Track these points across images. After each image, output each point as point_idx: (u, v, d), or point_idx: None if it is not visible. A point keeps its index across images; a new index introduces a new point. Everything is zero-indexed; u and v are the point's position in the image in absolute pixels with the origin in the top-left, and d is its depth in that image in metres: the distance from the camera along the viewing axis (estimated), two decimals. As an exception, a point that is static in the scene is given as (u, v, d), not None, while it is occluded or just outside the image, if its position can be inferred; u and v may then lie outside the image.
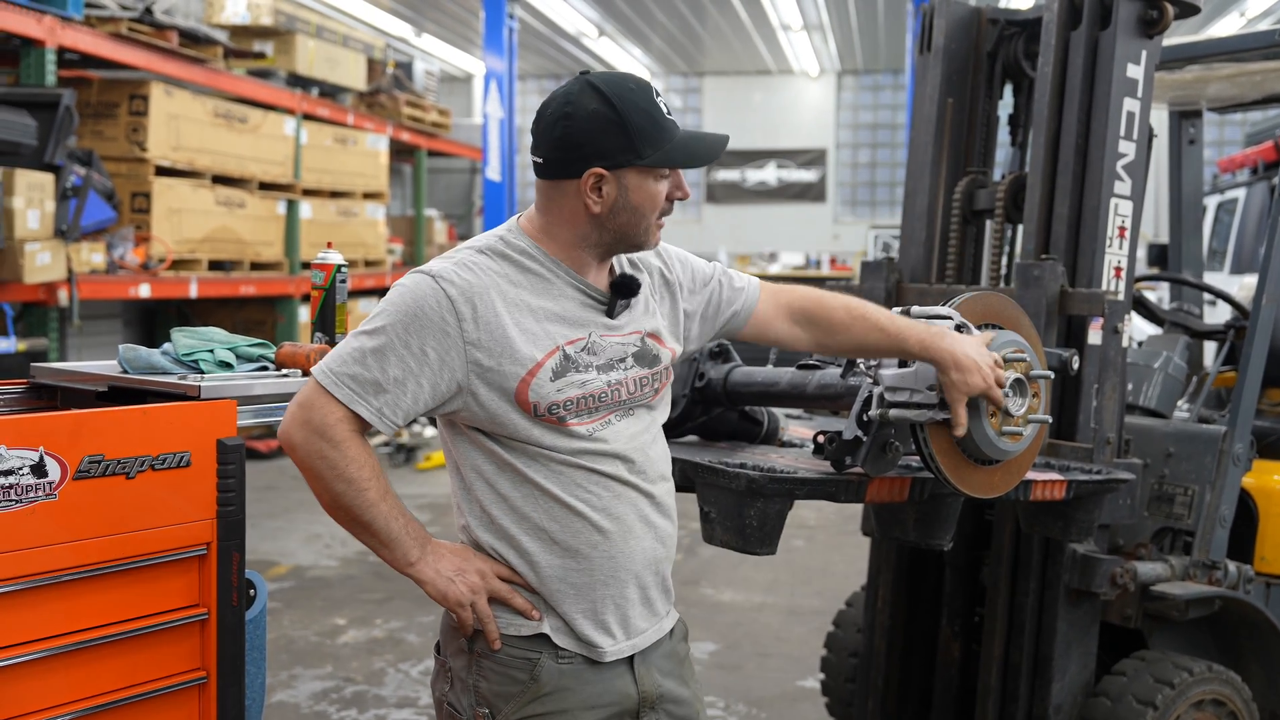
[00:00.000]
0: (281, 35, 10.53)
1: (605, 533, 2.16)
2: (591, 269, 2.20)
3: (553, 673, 2.15)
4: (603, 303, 2.20)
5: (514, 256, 2.15)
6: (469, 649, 2.18)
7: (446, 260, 2.14)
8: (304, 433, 2.06)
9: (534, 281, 2.15)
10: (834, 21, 16.34)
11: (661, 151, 2.12)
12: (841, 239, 19.70)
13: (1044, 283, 3.41)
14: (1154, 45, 3.55)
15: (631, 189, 2.12)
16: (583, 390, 2.13)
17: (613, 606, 2.18)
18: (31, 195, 6.85)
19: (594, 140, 2.09)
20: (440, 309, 2.06)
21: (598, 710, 2.17)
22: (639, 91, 2.13)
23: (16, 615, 2.14)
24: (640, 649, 2.22)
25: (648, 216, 2.16)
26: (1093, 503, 3.11)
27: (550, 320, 2.13)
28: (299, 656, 5.59)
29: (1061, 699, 3.50)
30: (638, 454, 2.21)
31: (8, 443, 2.08)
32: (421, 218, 13.95)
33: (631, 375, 2.21)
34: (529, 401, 2.09)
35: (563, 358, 2.12)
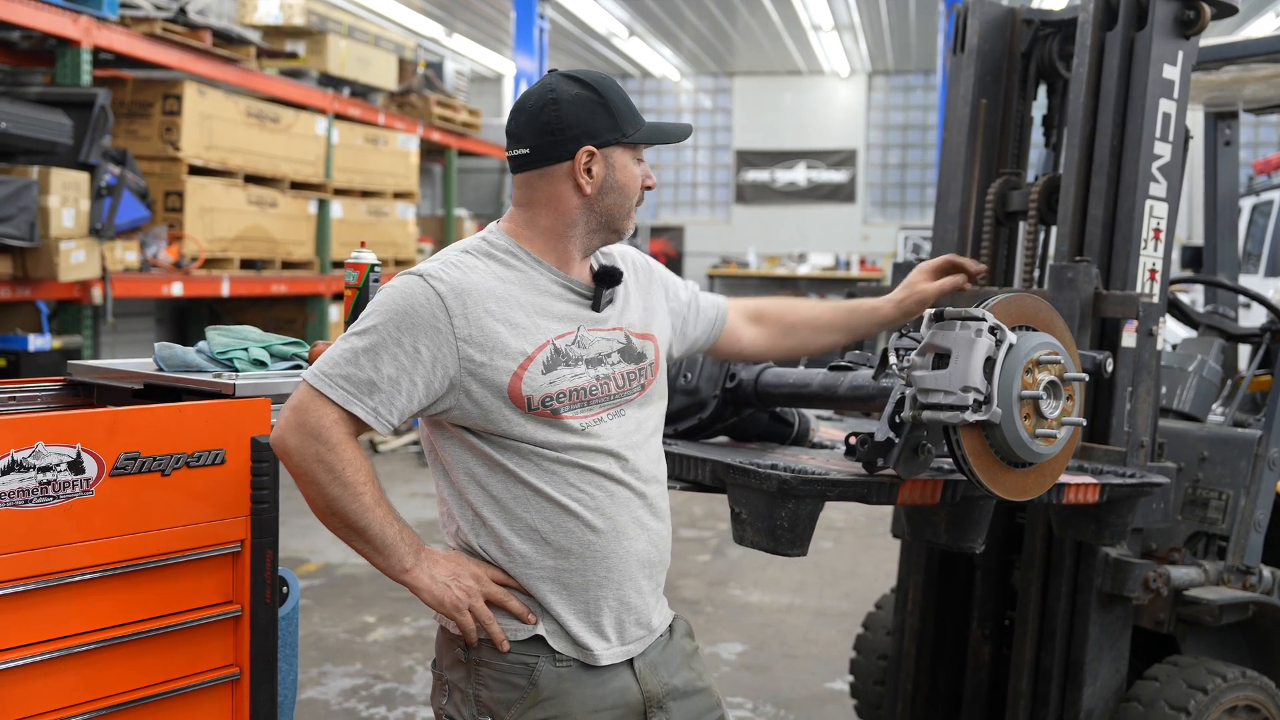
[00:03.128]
0: (313, 35, 10.58)
1: (598, 532, 2.16)
2: (574, 263, 2.24)
3: (551, 676, 2.14)
4: (587, 297, 2.23)
5: (499, 255, 2.19)
6: (465, 659, 2.18)
7: (433, 261, 2.16)
8: (299, 436, 2.04)
9: (520, 278, 2.17)
10: (865, 22, 16.28)
11: (642, 130, 2.21)
12: (871, 240, 19.63)
13: (1078, 285, 3.39)
14: (1190, 46, 3.52)
15: (618, 168, 2.20)
16: (574, 384, 2.15)
17: (607, 609, 2.18)
18: (67, 194, 6.91)
19: (582, 121, 2.16)
20: (430, 306, 2.07)
21: (600, 713, 2.17)
22: (611, 80, 2.23)
23: (54, 610, 2.16)
24: (633, 655, 2.22)
25: (630, 198, 2.23)
26: (1126, 506, 3.09)
27: (538, 315, 2.15)
28: (328, 654, 5.62)
29: (1093, 704, 3.48)
30: (630, 452, 2.21)
31: (45, 439, 2.10)
32: (451, 217, 13.99)
33: (619, 371, 2.23)
34: (522, 395, 2.10)
35: (553, 351, 2.14)
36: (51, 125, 6.86)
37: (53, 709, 2.17)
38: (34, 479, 2.09)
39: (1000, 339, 2.45)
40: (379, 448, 11.09)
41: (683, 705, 2.27)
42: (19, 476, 2.07)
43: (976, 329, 2.45)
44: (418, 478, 9.97)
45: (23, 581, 2.11)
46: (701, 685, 2.33)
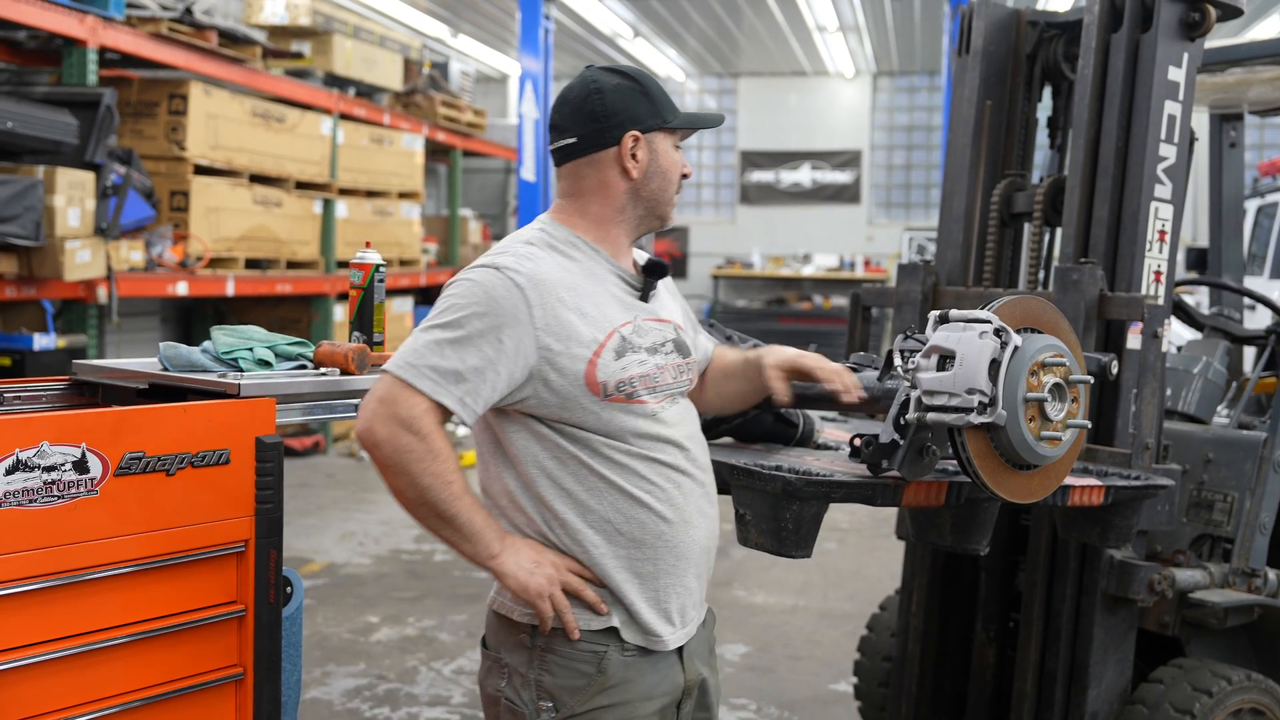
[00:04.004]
0: (319, 35, 10.59)
1: (669, 522, 2.24)
2: (624, 252, 2.34)
3: (618, 665, 2.21)
4: (636, 286, 2.31)
5: (560, 246, 2.26)
6: (530, 644, 2.22)
7: (503, 254, 2.20)
8: (389, 427, 2.07)
9: (581, 268, 2.25)
10: (870, 23, 16.27)
11: (680, 116, 2.30)
12: (876, 241, 19.61)
13: (1083, 287, 3.38)
14: (1196, 48, 3.52)
15: (660, 153, 2.29)
16: (641, 369, 2.23)
17: (674, 596, 2.26)
18: (72, 193, 6.92)
19: (627, 108, 2.26)
20: (512, 298, 2.12)
21: (655, 700, 2.25)
22: (647, 72, 2.33)
23: (58, 610, 2.16)
24: (690, 637, 2.32)
25: (673, 183, 2.32)
26: (1131, 509, 3.08)
27: (604, 303, 2.23)
28: (332, 654, 5.62)
29: (1097, 706, 3.48)
30: (689, 442, 2.31)
31: (50, 439, 2.10)
32: (456, 217, 14.00)
33: (672, 361, 2.31)
34: (598, 382, 2.17)
35: (620, 339, 2.22)
36: (57, 125, 6.87)
37: (57, 709, 2.17)
38: (39, 478, 2.09)
39: (1005, 341, 2.45)
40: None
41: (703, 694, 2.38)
42: (24, 476, 2.07)
43: (981, 331, 2.45)
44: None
45: (27, 581, 2.11)
46: (714, 681, 2.43)
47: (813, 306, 18.37)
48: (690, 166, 2.39)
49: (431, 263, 12.95)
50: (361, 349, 2.71)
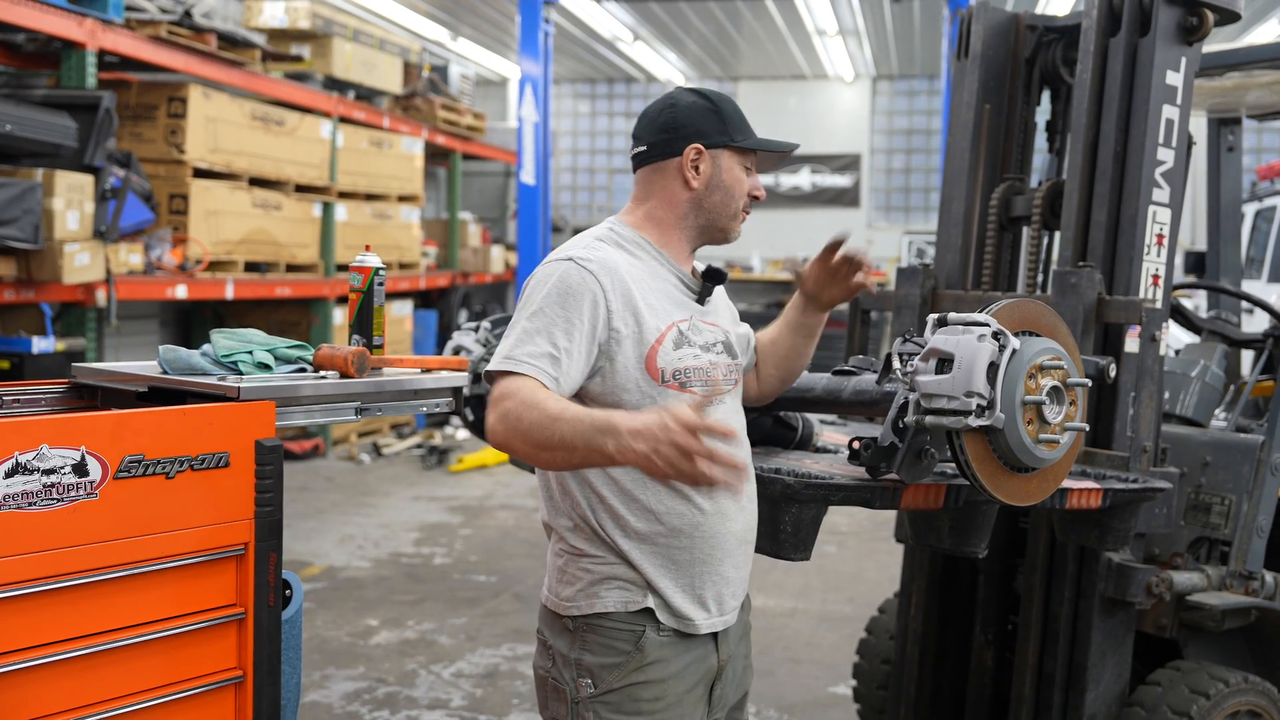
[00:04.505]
0: (318, 39, 10.60)
1: (706, 513, 2.34)
2: (684, 257, 2.48)
3: (654, 644, 2.32)
4: (694, 290, 2.46)
5: (626, 245, 2.41)
6: (572, 627, 2.34)
7: (573, 248, 2.36)
8: (495, 417, 2.17)
9: (644, 266, 2.40)
10: (869, 27, 16.28)
11: (749, 138, 2.44)
12: (875, 244, 19.58)
13: (1081, 290, 3.39)
14: (1193, 52, 3.53)
15: (724, 169, 2.43)
16: (696, 362, 2.37)
17: (710, 584, 2.36)
18: (71, 196, 6.92)
19: (694, 123, 2.41)
20: (586, 282, 2.27)
21: (686, 679, 2.36)
22: (728, 97, 2.48)
23: (57, 613, 2.16)
24: (730, 624, 2.42)
25: (736, 200, 2.46)
26: (1129, 511, 3.09)
27: (664, 299, 2.38)
28: (332, 657, 5.62)
29: (1095, 709, 3.48)
30: (736, 437, 2.40)
31: (50, 442, 2.11)
32: (456, 221, 14.00)
33: (723, 361, 2.45)
34: (658, 367, 2.31)
35: (678, 333, 2.36)
36: (56, 128, 6.87)
37: (57, 711, 2.17)
38: (38, 481, 2.09)
39: (1003, 344, 2.46)
40: (383, 451, 11.10)
41: (734, 675, 2.48)
42: (23, 479, 2.08)
43: (980, 334, 2.46)
44: (422, 481, 9.98)
45: (27, 584, 2.11)
46: (748, 662, 2.55)
47: (812, 310, 18.33)
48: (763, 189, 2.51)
49: (431, 266, 12.95)
50: (361, 352, 2.71)
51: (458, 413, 3.67)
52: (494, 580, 7.00)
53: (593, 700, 2.30)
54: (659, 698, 2.32)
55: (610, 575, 2.32)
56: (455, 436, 11.61)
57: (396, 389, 2.79)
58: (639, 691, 2.30)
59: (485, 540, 7.99)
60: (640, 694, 2.30)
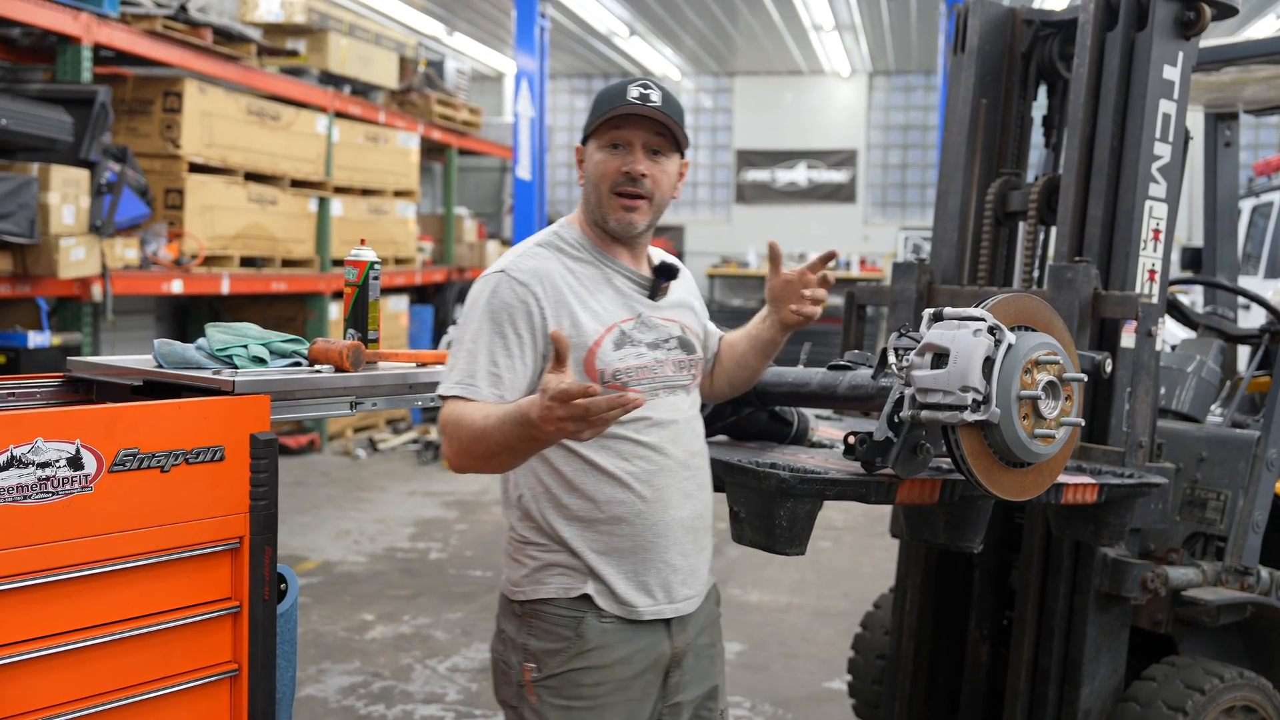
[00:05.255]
0: (314, 33, 10.58)
1: (647, 501, 2.38)
2: (624, 255, 2.48)
3: (595, 630, 2.36)
4: (645, 286, 2.47)
5: (566, 249, 2.46)
6: (520, 612, 2.39)
7: (509, 257, 2.40)
8: (449, 447, 2.26)
9: (586, 269, 2.42)
10: (866, 22, 16.27)
11: (596, 120, 2.39)
12: (871, 240, 19.61)
13: (1077, 285, 3.39)
14: (1190, 47, 3.53)
15: (590, 160, 2.43)
16: (639, 361, 2.39)
17: (654, 571, 2.40)
18: (67, 191, 6.91)
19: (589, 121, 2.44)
20: (517, 294, 2.32)
21: (632, 665, 2.39)
22: (619, 83, 2.42)
23: (53, 606, 2.16)
24: (682, 614, 2.45)
25: (598, 187, 2.41)
26: (1124, 507, 3.09)
27: (606, 300, 2.40)
28: (327, 651, 5.62)
29: (1090, 704, 3.49)
30: (680, 428, 2.46)
31: (45, 435, 2.10)
32: (451, 216, 13.98)
33: (674, 357, 2.47)
34: (596, 369, 2.34)
35: (620, 333, 2.39)
36: (52, 122, 6.86)
37: (51, 705, 2.17)
38: (33, 475, 2.09)
39: (999, 339, 2.45)
40: (378, 446, 11.09)
41: (695, 665, 2.51)
42: (18, 472, 2.07)
43: (975, 329, 2.45)
44: (417, 476, 9.98)
45: (22, 577, 2.11)
46: (714, 652, 2.58)
47: (808, 305, 18.35)
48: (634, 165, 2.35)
49: (427, 261, 12.94)
50: (356, 346, 2.71)
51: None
52: (489, 575, 7.00)
53: (536, 684, 2.36)
54: (600, 683, 2.36)
55: (553, 562, 2.38)
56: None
57: (391, 383, 2.79)
58: (580, 677, 2.35)
59: (481, 535, 7.99)
60: (581, 679, 2.35)
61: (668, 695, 2.47)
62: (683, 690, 2.49)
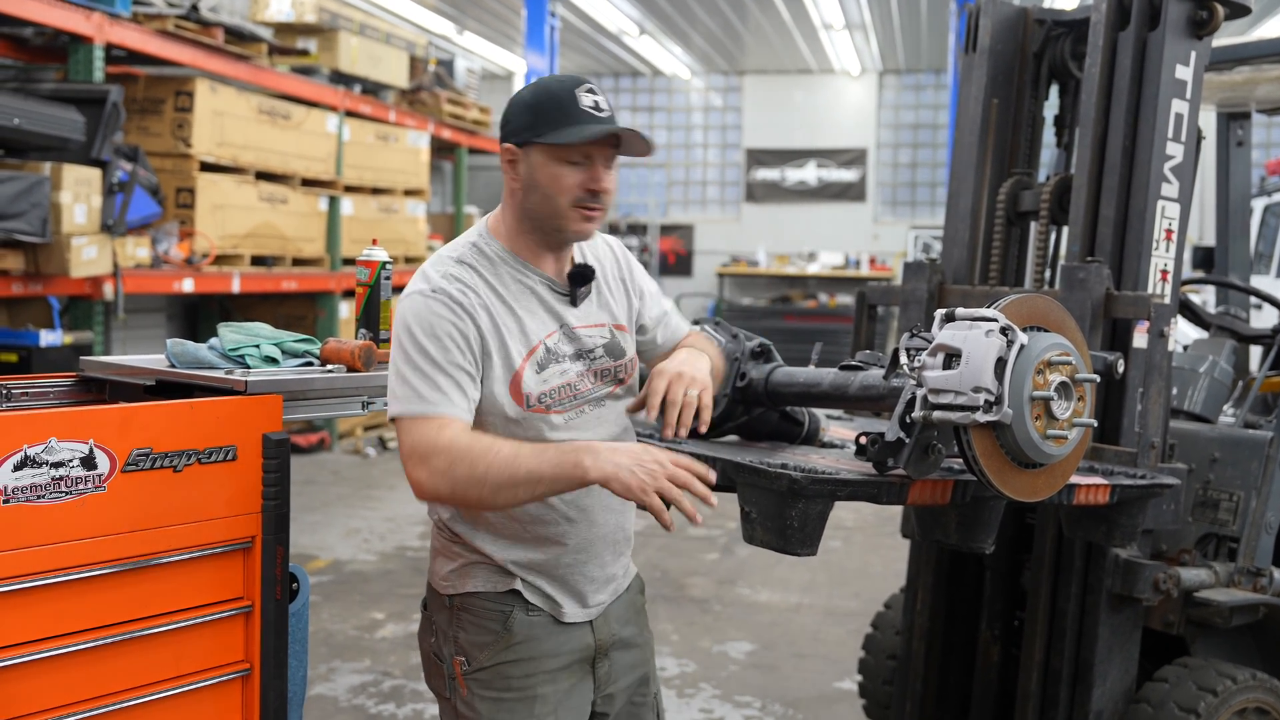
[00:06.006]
0: (325, 33, 10.59)
1: (573, 522, 2.37)
2: (548, 260, 2.39)
3: (523, 624, 2.36)
4: (564, 294, 2.39)
5: (486, 260, 2.36)
6: (449, 604, 2.39)
7: (433, 272, 2.29)
8: (423, 469, 2.16)
9: (507, 282, 2.33)
10: (876, 21, 16.27)
11: (557, 133, 2.24)
12: (881, 239, 19.61)
13: (1089, 285, 3.38)
14: (1203, 46, 3.52)
15: (536, 167, 2.28)
16: (563, 380, 2.34)
17: (578, 581, 2.41)
18: (79, 190, 6.93)
19: (511, 120, 2.32)
20: (449, 313, 2.23)
21: (560, 658, 2.40)
22: (563, 85, 2.30)
23: (66, 605, 2.17)
24: (594, 616, 2.45)
25: (555, 199, 2.28)
26: (1136, 508, 3.08)
27: (528, 316, 2.32)
28: (337, 650, 5.63)
29: (1102, 705, 3.48)
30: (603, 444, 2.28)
31: (58, 435, 2.11)
32: (461, 215, 13.99)
33: (600, 365, 2.41)
34: (522, 394, 2.29)
35: (545, 351, 2.33)
36: (64, 121, 6.88)
37: (64, 704, 2.17)
38: (47, 474, 2.09)
39: (1011, 339, 2.45)
40: (388, 444, 11.11)
41: (623, 655, 2.52)
42: (32, 472, 2.08)
43: (988, 329, 2.44)
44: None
45: (36, 576, 2.11)
46: (641, 640, 2.58)
47: (818, 305, 18.37)
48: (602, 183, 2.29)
49: (437, 260, 12.93)
50: (368, 346, 2.71)
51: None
52: (500, 574, 7.00)
53: (467, 677, 2.37)
54: (529, 675, 2.37)
55: (476, 561, 2.37)
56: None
57: (403, 383, 2.78)
58: (509, 670, 2.36)
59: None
60: (510, 672, 2.36)
61: (599, 686, 2.48)
62: (613, 681, 2.51)
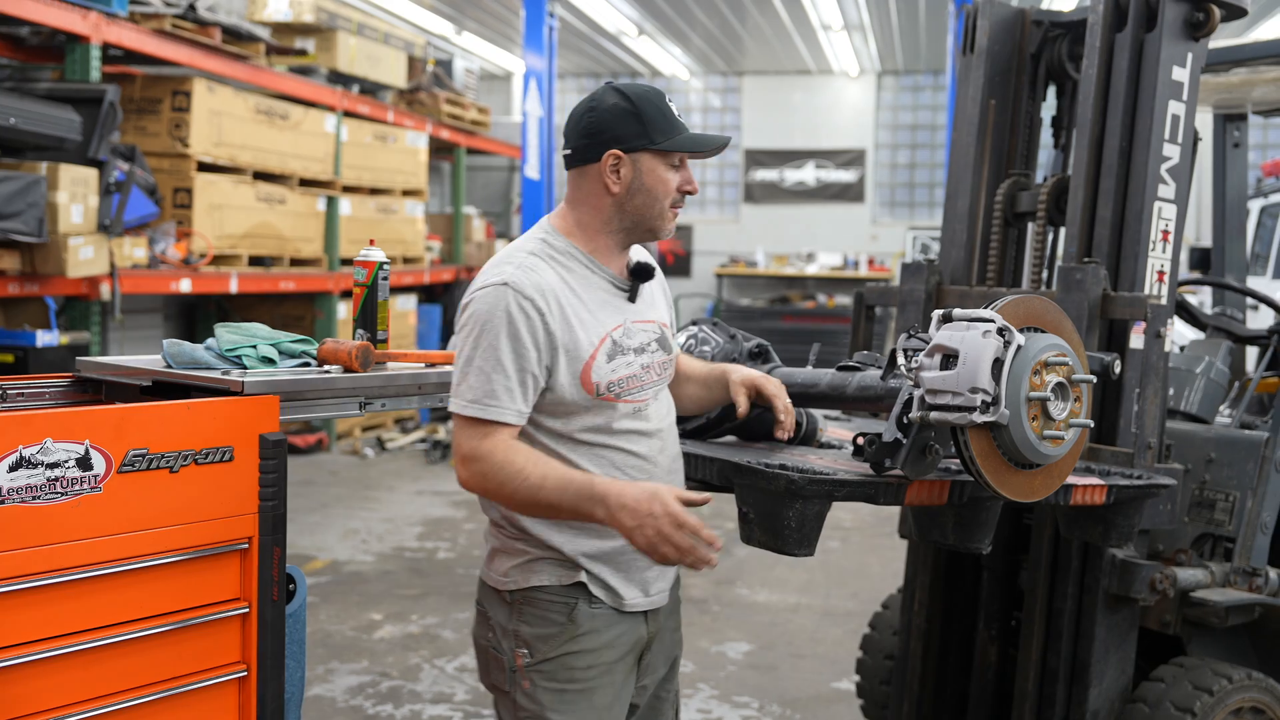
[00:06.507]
0: (323, 32, 10.58)
1: None
2: (613, 257, 2.50)
3: (586, 615, 2.42)
4: (624, 289, 2.50)
5: (559, 256, 2.43)
6: (510, 599, 2.44)
7: (505, 266, 2.37)
8: (471, 469, 2.30)
9: (577, 277, 2.43)
10: (875, 22, 16.25)
11: (670, 139, 2.42)
12: (880, 240, 19.59)
13: (1086, 286, 3.38)
14: (1200, 48, 3.52)
15: (645, 172, 2.42)
16: (629, 371, 2.44)
17: (636, 571, 2.47)
18: (75, 190, 6.92)
19: (613, 127, 2.41)
20: (523, 307, 2.32)
21: (618, 649, 2.46)
22: (653, 93, 2.45)
23: (62, 607, 2.17)
24: (656, 606, 2.53)
25: (660, 201, 2.45)
26: (1133, 508, 3.08)
27: (597, 309, 2.43)
28: (335, 651, 5.63)
29: (1099, 705, 3.48)
30: (664, 434, 2.53)
31: (54, 435, 2.11)
32: (460, 215, 13.99)
33: (657, 360, 2.52)
34: (592, 383, 2.38)
35: (611, 343, 2.42)
36: (60, 121, 6.87)
37: (61, 705, 2.17)
38: (42, 475, 2.09)
39: (1008, 340, 2.45)
40: (386, 445, 11.10)
41: (661, 647, 2.60)
42: (27, 473, 2.08)
43: (985, 330, 2.45)
44: (425, 475, 9.99)
45: (31, 578, 2.11)
46: (678, 635, 2.68)
47: (816, 305, 18.36)
48: (695, 183, 2.48)
49: (435, 260, 12.94)
50: (365, 346, 2.72)
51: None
52: (497, 575, 6.99)
53: (529, 669, 2.41)
54: (591, 666, 2.42)
55: (544, 556, 2.42)
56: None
57: (400, 384, 2.80)
58: (572, 661, 2.41)
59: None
60: (574, 663, 2.41)
61: (640, 675, 2.55)
62: (651, 671, 2.58)
